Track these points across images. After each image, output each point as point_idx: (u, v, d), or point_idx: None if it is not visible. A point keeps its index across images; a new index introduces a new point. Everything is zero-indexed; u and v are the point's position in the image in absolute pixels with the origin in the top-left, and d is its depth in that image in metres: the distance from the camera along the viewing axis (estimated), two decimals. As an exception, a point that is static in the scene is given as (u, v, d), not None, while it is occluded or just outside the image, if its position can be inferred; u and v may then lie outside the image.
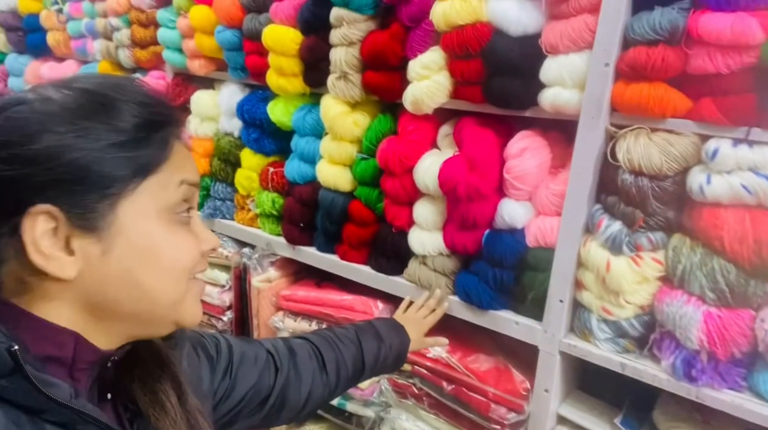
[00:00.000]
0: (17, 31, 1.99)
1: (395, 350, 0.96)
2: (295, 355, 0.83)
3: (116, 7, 1.61)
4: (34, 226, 0.43)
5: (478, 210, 1.02)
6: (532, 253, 0.99)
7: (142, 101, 0.48)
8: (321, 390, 0.84)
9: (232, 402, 0.72)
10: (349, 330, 0.93)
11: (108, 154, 0.45)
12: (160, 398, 0.53)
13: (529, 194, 1.00)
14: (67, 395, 0.44)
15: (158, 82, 1.63)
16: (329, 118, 1.21)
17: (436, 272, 1.11)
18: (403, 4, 1.07)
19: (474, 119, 1.07)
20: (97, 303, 0.47)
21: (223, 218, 1.52)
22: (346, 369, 0.88)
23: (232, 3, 1.33)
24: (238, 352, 0.74)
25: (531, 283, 1.00)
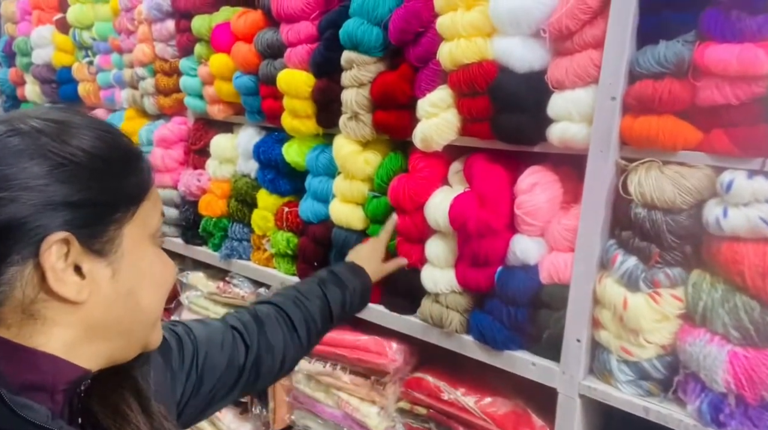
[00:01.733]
0: (51, 83, 2.11)
1: (359, 291, 0.99)
2: (263, 325, 0.83)
3: (142, 58, 1.69)
4: (51, 252, 0.45)
5: (490, 246, 1.00)
6: (546, 290, 0.97)
7: (120, 134, 0.52)
8: (294, 351, 0.86)
9: (203, 393, 0.73)
10: (312, 284, 0.95)
11: (116, 180, 0.49)
12: (120, 408, 0.53)
13: (541, 230, 0.99)
14: (44, 417, 0.44)
15: (180, 128, 1.68)
16: (341, 158, 1.23)
17: (449, 309, 1.09)
18: (410, 45, 1.09)
19: (484, 155, 1.06)
20: (98, 325, 0.49)
21: (239, 258, 1.54)
22: (315, 324, 0.90)
23: (248, 50, 1.38)
24: (203, 342, 0.74)
25: (546, 321, 0.97)
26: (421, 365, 1.22)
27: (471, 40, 1.00)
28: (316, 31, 1.25)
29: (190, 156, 1.66)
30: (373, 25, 1.13)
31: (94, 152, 0.48)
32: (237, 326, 0.80)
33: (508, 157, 1.05)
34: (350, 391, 1.26)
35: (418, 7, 1.06)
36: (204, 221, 1.59)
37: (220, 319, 0.82)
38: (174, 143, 1.68)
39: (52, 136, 0.46)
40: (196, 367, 0.72)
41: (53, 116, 0.48)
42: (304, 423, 1.37)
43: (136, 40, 1.71)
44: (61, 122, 0.48)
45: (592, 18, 0.90)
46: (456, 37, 1.01)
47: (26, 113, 0.49)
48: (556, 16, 0.91)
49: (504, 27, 0.96)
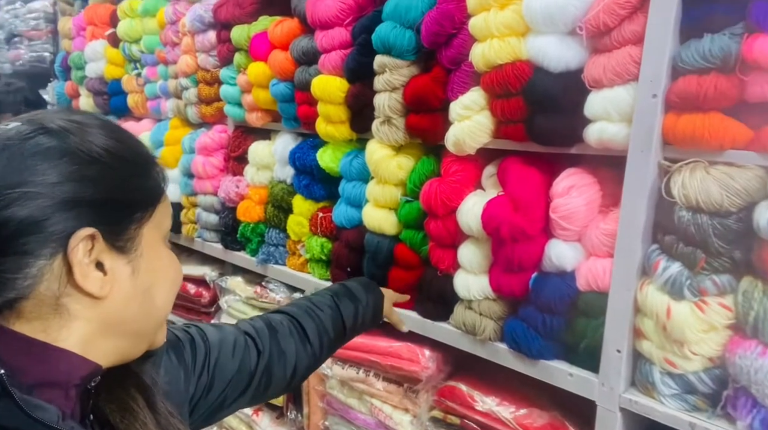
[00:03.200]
0: (103, 95, 2.21)
1: (371, 307, 1.00)
2: (276, 333, 0.84)
3: (186, 69, 1.75)
4: (79, 247, 0.46)
5: (524, 251, 0.97)
6: (584, 297, 0.93)
7: (137, 138, 0.54)
8: (306, 361, 0.87)
9: (213, 396, 0.73)
10: (325, 296, 0.96)
11: (137, 181, 0.51)
12: (128, 404, 0.54)
13: (578, 235, 0.95)
14: (55, 417, 0.45)
15: (220, 135, 1.73)
16: (374, 162, 1.23)
17: (483, 316, 1.06)
18: (443, 47, 1.08)
19: (518, 158, 1.04)
20: (114, 321, 0.50)
21: (276, 263, 1.55)
22: (328, 335, 0.90)
23: (285, 58, 1.41)
24: (215, 345, 0.75)
25: (583, 330, 0.93)
26: (455, 373, 1.19)
27: (504, 40, 0.97)
28: (349, 36, 1.26)
29: (230, 163, 1.70)
30: (405, 29, 1.13)
31: (118, 153, 0.50)
32: (250, 332, 0.81)
33: (543, 160, 1.02)
34: (383, 398, 1.24)
35: (451, 9, 1.05)
36: (242, 226, 1.62)
37: (233, 324, 0.83)
38: (214, 151, 1.73)
39: (79, 136, 0.48)
40: (208, 368, 0.73)
41: (75, 118, 0.50)
42: (337, 429, 1.37)
43: (180, 52, 1.77)
44: (84, 123, 0.50)
45: (631, 13, 0.86)
46: (489, 38, 0.99)
47: (50, 113, 0.50)
48: (592, 12, 0.88)
49: (538, 26, 0.94)
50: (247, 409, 1.65)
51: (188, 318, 1.86)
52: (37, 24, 2.70)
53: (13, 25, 2.82)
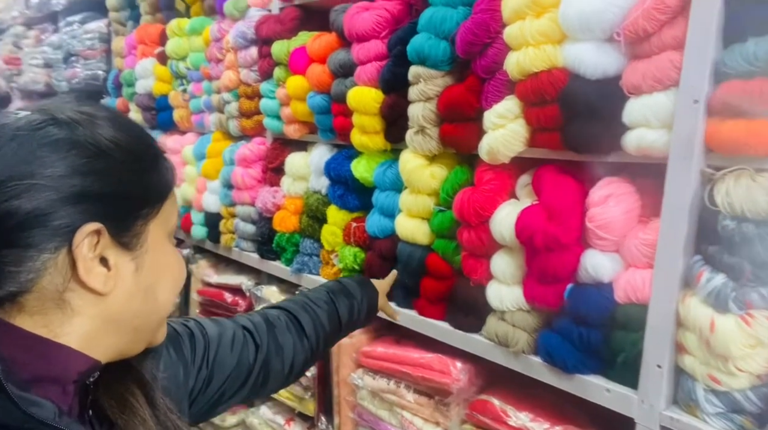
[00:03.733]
0: (151, 110, 2.31)
1: (366, 303, 1.03)
2: (273, 327, 0.85)
3: (228, 83, 1.81)
4: (84, 242, 0.46)
5: (558, 261, 0.95)
6: (622, 309, 0.89)
7: (147, 133, 0.55)
8: (303, 355, 0.87)
9: (212, 390, 0.74)
10: (321, 292, 0.98)
11: (146, 176, 0.51)
12: (127, 400, 0.53)
13: (615, 245, 0.92)
14: (51, 414, 0.44)
15: (259, 147, 1.77)
16: (407, 172, 1.23)
17: (516, 328, 1.03)
18: (477, 57, 1.08)
19: (553, 167, 1.02)
20: (116, 318, 0.50)
21: (309, 272, 1.57)
22: (324, 330, 0.92)
23: (322, 70, 1.44)
24: (214, 339, 0.75)
25: (622, 344, 0.89)
26: (487, 386, 1.17)
27: (540, 47, 0.97)
28: (385, 48, 1.28)
29: (267, 174, 1.74)
30: (440, 40, 1.14)
31: (127, 147, 0.49)
32: (248, 326, 0.82)
33: (580, 168, 1.00)
34: (414, 410, 1.23)
35: (486, 19, 1.05)
36: (278, 236, 1.65)
37: (230, 319, 0.83)
38: (253, 162, 1.77)
39: (88, 129, 0.47)
40: (207, 363, 0.73)
41: (85, 109, 0.49)
42: (367, 441, 1.35)
43: (223, 68, 1.84)
44: (95, 116, 0.49)
45: (671, 18, 0.84)
46: (524, 46, 0.99)
47: (61, 104, 0.49)
48: (630, 18, 0.86)
49: (575, 33, 0.93)
50: (279, 419, 1.66)
51: (224, 326, 1.90)
52: (93, 44, 2.85)
53: (71, 45, 2.99)
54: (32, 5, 3.44)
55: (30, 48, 3.63)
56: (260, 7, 1.72)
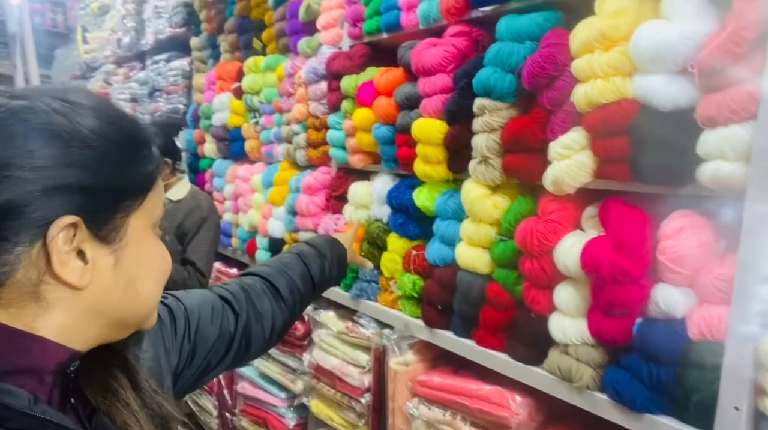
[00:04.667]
0: (224, 141, 2.45)
1: (335, 261, 1.06)
2: (250, 294, 0.86)
3: (298, 116, 1.91)
4: (59, 236, 0.44)
5: (626, 295, 0.92)
6: (696, 347, 0.85)
7: (134, 119, 0.53)
8: (282, 318, 0.89)
9: (197, 363, 0.74)
10: (292, 255, 1.00)
11: (128, 167, 0.49)
12: (110, 385, 0.51)
13: (688, 279, 0.89)
14: (26, 402, 0.43)
15: (324, 176, 1.84)
16: (469, 201, 1.24)
17: (580, 362, 1.00)
18: (544, 89, 1.10)
19: (621, 198, 1.00)
20: (95, 311, 0.48)
21: (368, 298, 1.59)
22: (299, 291, 0.94)
23: (388, 103, 1.50)
24: (194, 313, 0.75)
25: (696, 384, 0.85)
26: (548, 422, 1.13)
27: (609, 80, 0.97)
28: (450, 82, 1.32)
29: (330, 202, 1.80)
30: (506, 73, 1.17)
31: (108, 137, 0.47)
32: (225, 296, 0.83)
33: (649, 201, 0.98)
34: (469, 444, 1.20)
35: (554, 53, 1.07)
36: (338, 262, 1.69)
37: (207, 290, 0.84)
38: (318, 190, 1.84)
39: (67, 117, 0.46)
40: (189, 337, 0.73)
41: (69, 97, 0.47)
42: (420, 473, 1.33)
43: (294, 101, 1.94)
44: (76, 104, 0.47)
45: (747, 50, 0.83)
46: (593, 78, 0.99)
47: (43, 91, 0.48)
48: (705, 51, 0.86)
49: (646, 66, 0.93)
50: (331, 445, 1.65)
51: (282, 350, 1.94)
52: (176, 80, 3.09)
53: (156, 81, 3.25)
54: (123, 45, 3.77)
55: (119, 84, 3.96)
56: (332, 45, 1.82)
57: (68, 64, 4.90)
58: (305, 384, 1.81)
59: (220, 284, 0.88)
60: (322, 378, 1.68)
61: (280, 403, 1.94)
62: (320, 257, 1.03)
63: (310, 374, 1.74)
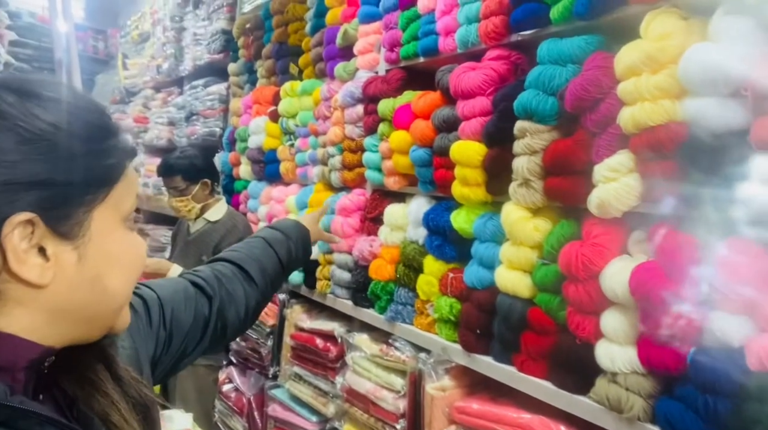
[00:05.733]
0: (260, 163, 2.50)
1: (300, 242, 1.11)
2: (221, 278, 0.88)
3: (333, 138, 1.94)
4: (14, 233, 0.43)
5: (681, 323, 0.89)
6: (756, 378, 0.81)
7: (99, 109, 0.51)
8: (255, 299, 0.93)
9: (174, 348, 0.76)
10: (258, 239, 1.04)
11: (89, 160, 0.47)
12: (89, 377, 0.51)
13: (746, 307, 0.85)
14: (2, 394, 0.43)
15: (359, 198, 1.85)
16: (509, 224, 1.23)
17: (630, 392, 0.97)
18: (588, 112, 1.09)
19: (671, 224, 0.98)
20: (62, 308, 0.47)
21: (403, 321, 1.58)
22: (268, 273, 0.97)
23: (426, 126, 1.51)
24: (167, 300, 0.76)
25: (756, 417, 0.80)
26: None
27: (657, 102, 0.96)
28: (489, 105, 1.32)
29: (365, 223, 1.81)
30: (548, 95, 1.16)
31: (68, 129, 0.46)
32: (197, 282, 0.85)
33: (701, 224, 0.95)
34: (510, 474, 1.16)
35: (597, 75, 1.07)
36: (373, 284, 1.68)
37: (179, 278, 0.86)
38: (352, 212, 1.85)
39: (22, 109, 0.44)
40: (164, 324, 0.74)
41: (27, 87, 0.46)
42: (457, 504, 1.29)
43: (330, 124, 1.97)
44: (34, 94, 0.46)
45: (805, 71, 0.81)
46: (639, 101, 0.98)
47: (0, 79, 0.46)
48: (759, 73, 0.84)
49: (696, 88, 0.92)
50: (363, 471, 1.62)
51: (314, 372, 1.93)
52: (213, 104, 3.18)
53: (194, 105, 3.35)
54: (162, 71, 3.91)
55: (157, 108, 4.10)
56: (368, 69, 1.85)
57: (108, 89, 5.09)
58: (337, 408, 1.79)
59: (191, 271, 0.90)
60: (355, 402, 1.66)
61: (311, 427, 1.92)
62: (286, 240, 1.08)
63: (343, 398, 1.72)
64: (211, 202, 2.33)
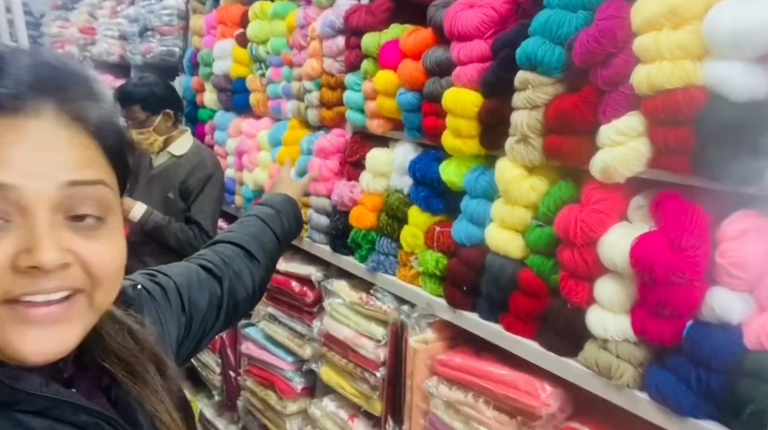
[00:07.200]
0: (227, 92, 2.32)
1: (291, 213, 1.14)
2: (226, 259, 0.90)
3: (310, 72, 1.79)
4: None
5: (680, 296, 0.88)
6: (753, 356, 0.82)
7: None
8: (260, 274, 0.95)
9: (194, 331, 0.79)
10: (251, 217, 1.06)
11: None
12: (138, 371, 0.54)
13: (749, 285, 0.84)
14: (36, 384, 0.44)
15: (338, 139, 1.75)
16: (504, 182, 1.18)
17: (621, 360, 0.97)
18: (598, 67, 1.01)
19: (677, 192, 0.94)
20: None
21: (385, 272, 1.54)
22: (267, 249, 1.00)
23: (415, 67, 1.39)
24: (184, 286, 0.79)
25: (750, 394, 0.82)
26: (576, 412, 1.12)
27: (676, 62, 0.89)
28: (488, 50, 1.22)
29: (345, 167, 1.72)
30: (555, 45, 1.07)
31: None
32: (205, 265, 0.87)
33: (708, 197, 0.92)
34: (493, 428, 1.19)
35: (612, 27, 0.98)
36: (354, 232, 1.63)
37: (187, 263, 0.87)
38: (331, 154, 1.75)
39: None
40: (184, 309, 0.77)
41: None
42: (438, 450, 1.33)
43: (306, 55, 1.81)
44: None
45: (844, 41, 0.75)
46: (657, 60, 0.91)
47: None
48: (792, 38, 0.78)
49: (721, 50, 0.85)
50: (343, 413, 1.66)
51: (289, 314, 1.91)
52: (170, 20, 2.89)
53: (147, 19, 3.03)
54: (108, -25, 3.51)
55: (105, 18, 3.72)
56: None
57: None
58: (314, 351, 1.79)
59: (195, 256, 0.92)
60: (333, 347, 1.66)
61: (287, 366, 1.93)
62: (278, 214, 1.10)
63: (320, 342, 1.71)
64: (175, 134, 2.17)
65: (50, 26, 4.56)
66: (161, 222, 1.98)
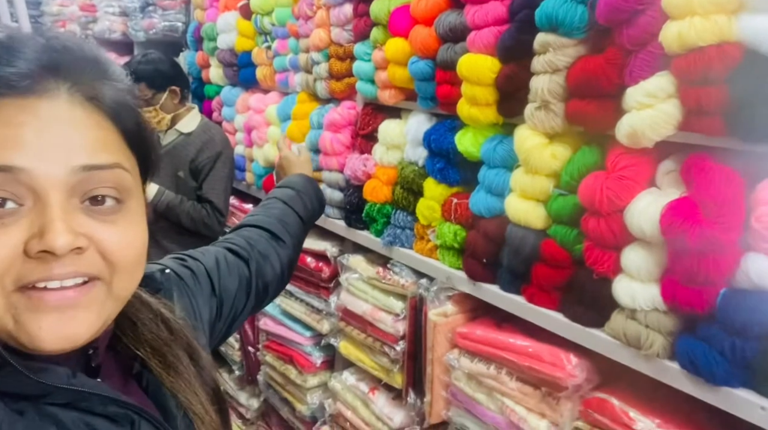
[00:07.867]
0: (233, 67, 2.27)
1: (312, 192, 1.13)
2: (251, 242, 0.90)
3: (318, 43, 1.73)
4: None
5: (713, 264, 0.85)
6: (790, 324, 0.80)
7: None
8: (287, 255, 0.95)
9: (225, 313, 0.78)
10: (273, 200, 1.05)
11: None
12: (171, 361, 0.54)
13: (786, 250, 0.81)
14: (64, 377, 0.44)
15: (349, 112, 1.71)
16: (524, 150, 1.14)
17: (650, 329, 0.95)
18: (623, 26, 0.96)
19: (708, 156, 0.91)
20: None
21: (402, 246, 1.52)
22: (292, 229, 0.99)
23: (428, 34, 1.34)
24: (213, 269, 0.78)
25: (787, 362, 0.80)
26: (603, 383, 1.10)
27: (709, 18, 0.84)
28: (505, 12, 1.17)
29: (357, 140, 1.68)
30: (577, 3, 1.02)
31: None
32: (232, 248, 0.86)
33: (742, 160, 0.88)
34: (517, 399, 1.18)
35: (639, -19, 0.92)
36: (368, 206, 1.60)
37: (215, 247, 0.86)
38: (342, 127, 1.71)
39: None
40: (215, 292, 0.76)
41: None
42: (461, 422, 1.33)
43: (313, 26, 1.75)
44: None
45: None
46: (689, 15, 0.86)
47: None
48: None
49: (757, 3, 0.80)
50: (363, 386, 1.67)
51: (306, 290, 1.90)
52: (171, -7, 2.82)
53: (148, -6, 2.97)
54: (108, -49, 3.42)
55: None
56: (356, -40, 1.61)
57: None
58: (332, 325, 1.79)
59: (220, 240, 0.92)
60: (351, 322, 1.66)
61: (305, 341, 1.94)
62: (298, 194, 1.08)
63: (338, 316, 1.71)
64: (182, 111, 2.13)
65: (50, 5, 4.48)
66: (174, 201, 1.97)
